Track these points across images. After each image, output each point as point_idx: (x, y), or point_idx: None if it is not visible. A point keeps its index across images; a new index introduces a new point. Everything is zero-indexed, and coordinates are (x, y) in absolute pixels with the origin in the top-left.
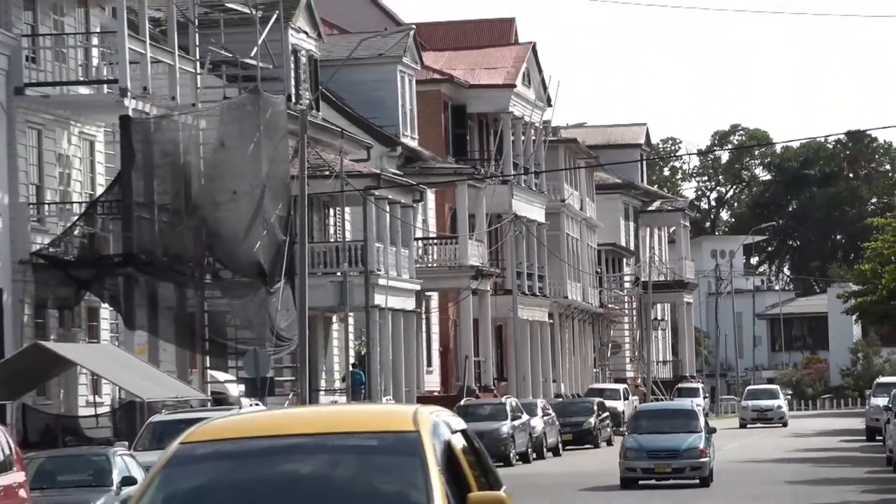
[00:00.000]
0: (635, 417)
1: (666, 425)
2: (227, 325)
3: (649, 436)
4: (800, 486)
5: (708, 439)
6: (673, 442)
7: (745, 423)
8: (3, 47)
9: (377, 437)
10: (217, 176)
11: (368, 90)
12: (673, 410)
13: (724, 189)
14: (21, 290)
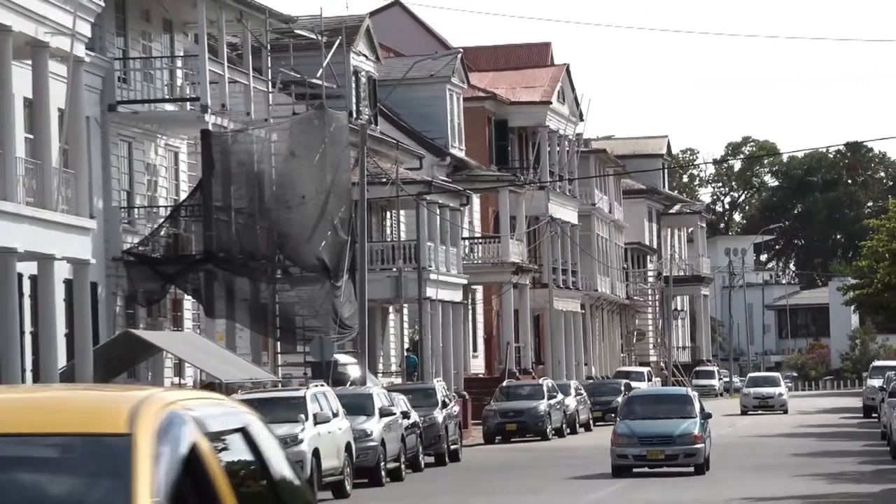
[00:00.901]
0: (627, 403)
1: (659, 410)
2: (296, 315)
3: (642, 421)
4: (804, 458)
5: (703, 425)
6: (666, 428)
7: (747, 409)
8: (98, 69)
9: (62, 443)
10: (287, 182)
11: (421, 106)
12: (666, 395)
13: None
14: (114, 284)
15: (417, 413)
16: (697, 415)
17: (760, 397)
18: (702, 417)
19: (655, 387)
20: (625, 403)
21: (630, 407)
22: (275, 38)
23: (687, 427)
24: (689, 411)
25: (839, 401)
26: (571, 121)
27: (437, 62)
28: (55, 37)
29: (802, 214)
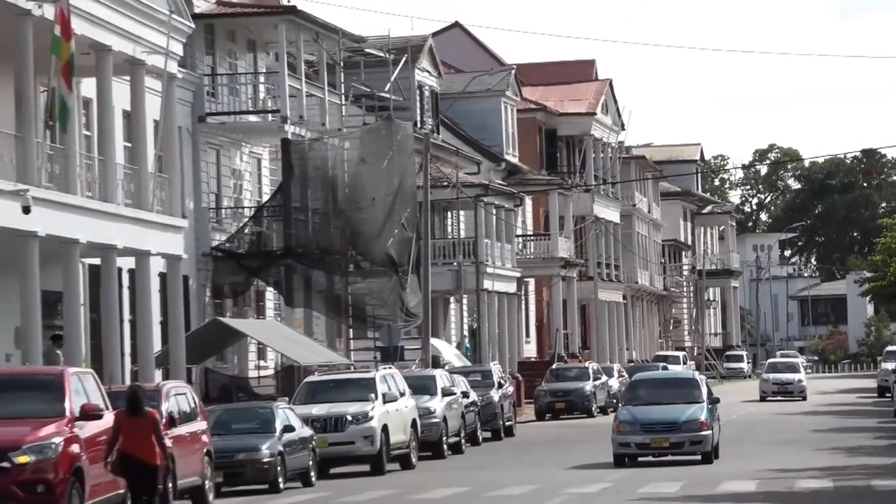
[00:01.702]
0: (630, 387)
1: (664, 395)
2: (367, 305)
3: (645, 407)
4: (823, 434)
5: (711, 410)
6: (671, 413)
7: (766, 395)
8: (189, 84)
9: None
10: (358, 186)
11: (478, 117)
12: (671, 379)
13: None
14: (203, 277)
15: (476, 393)
16: (704, 400)
17: (780, 383)
18: (709, 402)
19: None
20: (628, 388)
21: (633, 392)
22: (347, 56)
23: (693, 413)
24: (695, 396)
25: (856, 382)
26: (614, 130)
27: (492, 77)
28: (151, 55)
29: (822, 214)
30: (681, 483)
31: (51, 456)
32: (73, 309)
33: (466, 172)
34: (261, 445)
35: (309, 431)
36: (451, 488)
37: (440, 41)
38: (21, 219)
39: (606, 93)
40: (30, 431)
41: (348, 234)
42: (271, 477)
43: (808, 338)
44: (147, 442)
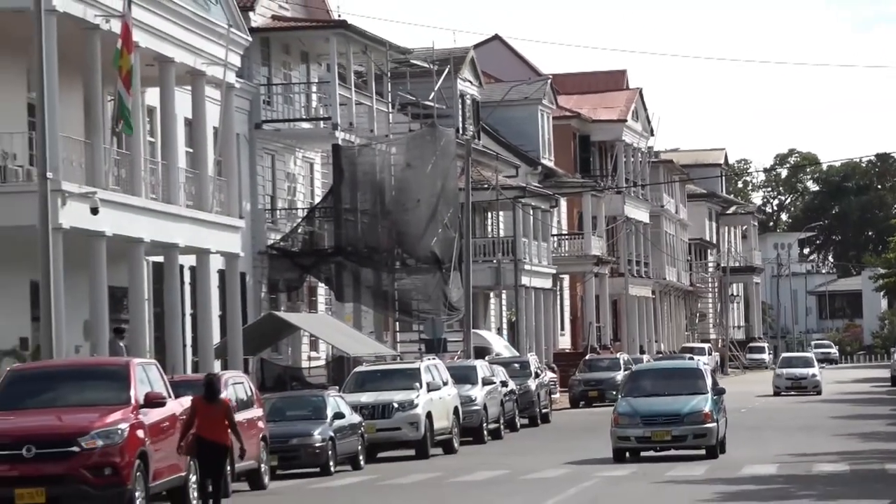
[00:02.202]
0: (630, 378)
1: (666, 386)
2: (412, 300)
3: (646, 399)
4: (840, 420)
5: (716, 402)
6: (673, 405)
7: (780, 391)
8: (246, 94)
9: None
10: (404, 189)
11: (516, 124)
12: (674, 369)
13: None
14: (259, 273)
15: (514, 382)
16: (709, 391)
17: (793, 378)
18: (714, 394)
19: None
20: (627, 379)
21: (633, 383)
22: (394, 67)
23: (697, 404)
24: (699, 387)
25: (870, 372)
26: (643, 136)
27: (530, 87)
28: (211, 66)
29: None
30: (706, 466)
31: (117, 441)
32: (138, 304)
33: (505, 176)
34: (313, 431)
35: (358, 418)
36: (490, 471)
37: (481, 53)
38: (90, 219)
39: (636, 101)
40: (98, 418)
41: (395, 233)
42: (323, 460)
43: (826, 331)
44: (220, 426)
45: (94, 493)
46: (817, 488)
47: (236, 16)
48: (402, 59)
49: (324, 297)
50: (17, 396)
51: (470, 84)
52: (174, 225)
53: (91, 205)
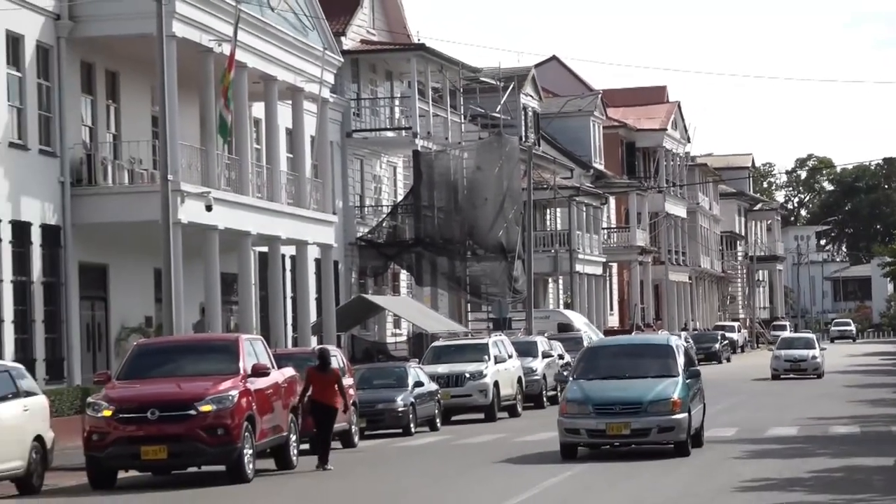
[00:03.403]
0: (583, 357)
1: (627, 367)
2: (481, 284)
3: (601, 382)
4: (852, 389)
5: (689, 386)
6: (634, 391)
7: (778, 373)
8: (338, 107)
9: None
10: (474, 188)
11: (571, 132)
12: (637, 346)
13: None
14: (350, 261)
15: (570, 355)
16: (680, 372)
17: (792, 360)
18: (687, 376)
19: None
20: (579, 358)
21: (587, 363)
22: (466, 84)
23: (663, 390)
24: (668, 368)
25: (879, 347)
26: (681, 142)
27: (583, 100)
28: (308, 83)
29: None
30: (736, 428)
31: (228, 405)
32: (246, 288)
33: (562, 177)
34: (396, 398)
35: (435, 386)
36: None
37: (541, 71)
38: (205, 215)
39: (675, 112)
40: (211, 386)
41: (466, 227)
42: (405, 423)
43: (839, 311)
44: (331, 390)
45: (208, 450)
46: (832, 447)
47: (330, 40)
48: (472, 77)
49: (405, 281)
50: (143, 367)
51: (531, 98)
52: (277, 220)
53: (206, 203)
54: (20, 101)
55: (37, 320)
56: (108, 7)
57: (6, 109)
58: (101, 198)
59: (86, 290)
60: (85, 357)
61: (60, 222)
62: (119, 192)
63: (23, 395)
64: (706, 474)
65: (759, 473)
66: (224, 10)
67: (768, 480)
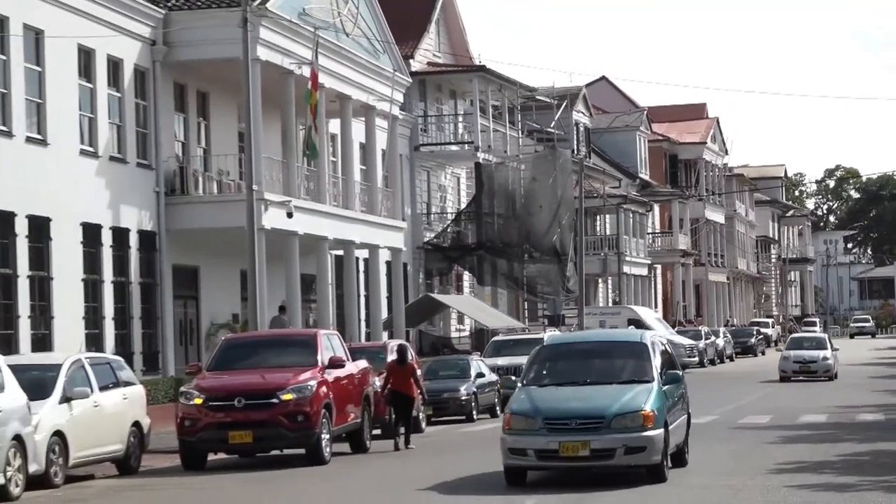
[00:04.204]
0: (537, 357)
1: (589, 370)
2: (537, 284)
3: (556, 390)
4: (878, 380)
5: (666, 395)
6: (595, 400)
7: (787, 375)
8: (407, 123)
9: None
10: (530, 197)
11: (619, 146)
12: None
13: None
14: (418, 264)
15: None
16: (655, 377)
17: (801, 361)
18: (665, 381)
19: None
20: (532, 358)
21: (541, 364)
22: (523, 101)
23: (632, 400)
24: (640, 371)
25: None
26: (720, 154)
27: (630, 116)
28: (380, 102)
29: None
30: (770, 416)
31: (307, 394)
32: (324, 288)
33: (610, 187)
34: (460, 387)
35: (495, 377)
36: None
37: (591, 90)
38: (286, 222)
39: (714, 127)
40: (292, 376)
41: (523, 232)
42: (468, 410)
43: (865, 309)
44: (408, 382)
45: (290, 435)
46: (859, 433)
47: (400, 62)
48: (529, 95)
49: (468, 281)
50: (230, 360)
51: (582, 114)
52: (351, 226)
53: (287, 210)
54: (120, 119)
55: (134, 317)
56: (198, 34)
57: (107, 126)
58: (192, 206)
59: (178, 289)
60: (178, 350)
61: (156, 228)
62: (208, 201)
63: (122, 385)
64: (743, 457)
65: (791, 457)
66: (304, 35)
67: (800, 463)
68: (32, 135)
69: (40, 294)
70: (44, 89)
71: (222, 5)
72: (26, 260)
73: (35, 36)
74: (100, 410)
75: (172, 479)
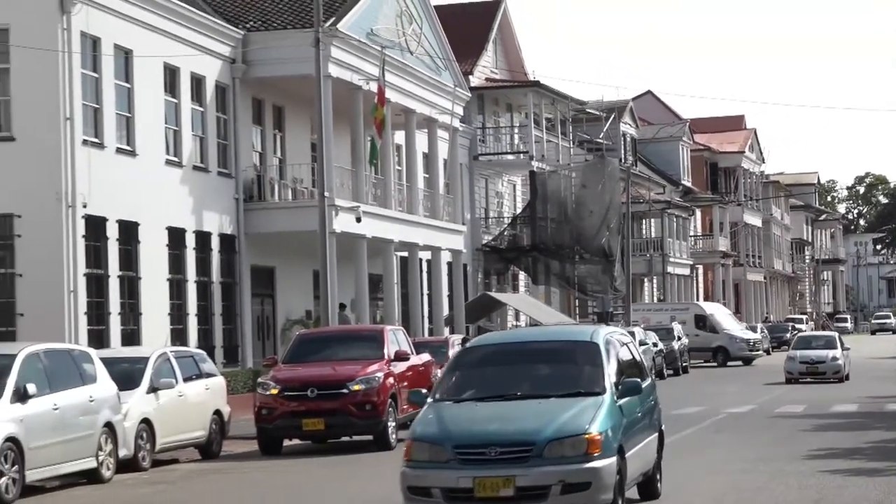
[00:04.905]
0: (456, 363)
1: (521, 380)
2: (587, 283)
3: (474, 406)
4: None
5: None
6: (522, 421)
7: (793, 376)
8: (466, 134)
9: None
10: (581, 202)
11: (663, 155)
12: (544, 344)
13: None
14: (476, 264)
15: (663, 343)
16: (607, 388)
17: (808, 362)
18: (621, 392)
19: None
20: (450, 364)
21: (462, 372)
22: (574, 114)
23: (572, 420)
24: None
25: None
26: (757, 163)
27: (673, 128)
28: (441, 115)
29: None
30: (804, 405)
31: (375, 385)
32: (390, 287)
33: (655, 193)
34: None
35: None
36: None
37: (637, 103)
38: (355, 226)
39: (752, 138)
40: (361, 368)
41: (574, 235)
42: None
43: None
44: None
45: (359, 423)
46: (887, 422)
47: (460, 78)
48: (579, 108)
49: (523, 281)
50: (303, 353)
51: (629, 126)
52: (415, 229)
53: (356, 215)
54: (202, 132)
55: (216, 314)
56: (274, 53)
57: (191, 138)
58: (268, 211)
59: (256, 288)
60: (255, 344)
61: (235, 232)
62: (284, 207)
63: (204, 377)
64: (779, 444)
65: (824, 444)
66: (371, 54)
67: (832, 449)
68: (122, 146)
69: (129, 293)
70: (133, 104)
71: (297, 26)
72: (117, 261)
73: (125, 55)
74: (184, 400)
75: (251, 463)
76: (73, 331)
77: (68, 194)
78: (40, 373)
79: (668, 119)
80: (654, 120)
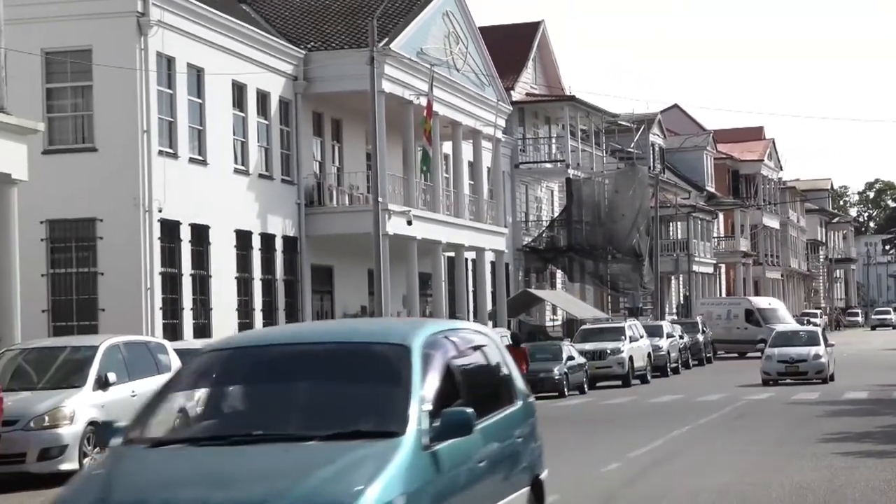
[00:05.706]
0: (183, 378)
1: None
2: (619, 281)
3: (177, 455)
4: None
5: (429, 466)
6: (242, 488)
7: (771, 378)
8: (508, 145)
9: None
10: (613, 207)
11: (689, 163)
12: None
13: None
14: (517, 264)
15: (688, 336)
16: (412, 424)
17: (788, 360)
18: (439, 431)
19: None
20: (168, 384)
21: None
22: (607, 126)
23: (326, 486)
24: (384, 410)
25: None
26: (775, 170)
27: (698, 138)
28: (485, 127)
29: None
30: (818, 392)
31: None
32: (438, 284)
33: (681, 198)
34: (553, 368)
35: (583, 360)
36: (672, 395)
37: (665, 116)
38: (406, 228)
39: (771, 147)
40: None
41: (607, 236)
42: (560, 388)
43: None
44: (520, 365)
45: None
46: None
47: (502, 93)
48: (612, 120)
49: (560, 279)
50: None
51: (658, 136)
52: (461, 231)
53: (407, 219)
54: (267, 143)
55: (279, 309)
56: (333, 70)
57: (256, 149)
58: (327, 215)
59: (316, 285)
60: None
61: (297, 234)
62: (341, 211)
63: None
64: (795, 429)
65: (837, 428)
66: (421, 71)
67: (845, 434)
68: (194, 156)
69: (201, 290)
70: (204, 118)
71: (353, 46)
72: (189, 261)
73: (197, 73)
74: None
75: None
76: (150, 324)
77: (145, 200)
78: (119, 363)
79: (693, 130)
80: (680, 131)
